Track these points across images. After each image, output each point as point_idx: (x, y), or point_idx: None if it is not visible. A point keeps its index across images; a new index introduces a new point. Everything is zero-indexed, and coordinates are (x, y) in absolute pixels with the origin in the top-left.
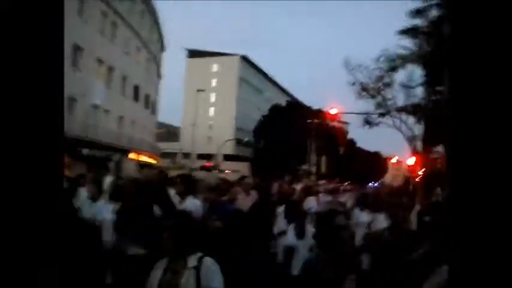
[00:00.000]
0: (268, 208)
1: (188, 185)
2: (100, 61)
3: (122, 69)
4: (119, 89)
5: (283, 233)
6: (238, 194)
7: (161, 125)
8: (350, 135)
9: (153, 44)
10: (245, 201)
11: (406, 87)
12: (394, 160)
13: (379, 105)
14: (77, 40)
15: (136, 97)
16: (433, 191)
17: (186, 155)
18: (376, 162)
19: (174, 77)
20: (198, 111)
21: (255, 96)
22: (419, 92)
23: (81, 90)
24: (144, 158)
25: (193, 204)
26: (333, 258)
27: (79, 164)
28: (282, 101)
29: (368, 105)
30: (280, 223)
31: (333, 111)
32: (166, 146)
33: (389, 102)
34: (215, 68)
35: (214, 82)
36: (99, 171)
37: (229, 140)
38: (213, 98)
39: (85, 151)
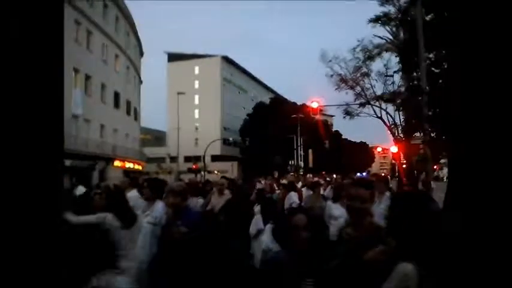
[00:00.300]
0: (240, 207)
1: (155, 189)
2: (76, 70)
3: (100, 77)
4: (98, 97)
5: (259, 233)
6: (212, 195)
7: (147, 131)
8: (335, 128)
9: (130, 49)
10: (219, 201)
11: (383, 75)
12: (379, 149)
13: (358, 96)
14: None
15: (117, 104)
16: (418, 177)
17: (174, 159)
18: (362, 153)
19: (156, 82)
20: (183, 114)
21: (239, 95)
22: (397, 79)
23: None
24: (129, 165)
25: (159, 209)
26: (290, 259)
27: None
28: (266, 98)
29: (348, 96)
30: (258, 223)
31: (313, 105)
32: (154, 151)
33: (368, 92)
34: (197, 70)
35: (197, 84)
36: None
37: (215, 140)
38: (196, 100)
39: (67, 162)
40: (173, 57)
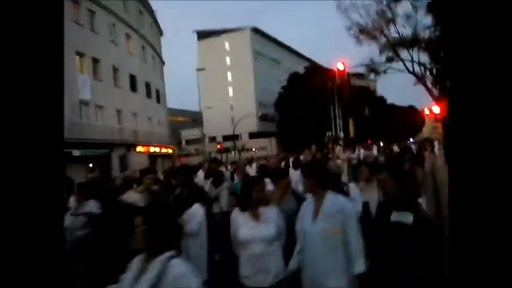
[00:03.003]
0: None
1: None
2: (80, 54)
3: (109, 59)
4: (110, 82)
5: None
6: None
7: (184, 113)
8: (380, 93)
9: (145, 28)
10: None
11: (412, 17)
12: (427, 111)
13: (384, 48)
14: None
15: (134, 88)
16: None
17: (212, 139)
18: (411, 117)
19: (189, 62)
20: (216, 93)
21: (273, 68)
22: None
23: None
24: (154, 149)
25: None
26: None
27: (71, 166)
28: (302, 68)
29: (372, 51)
30: None
31: (339, 67)
32: (192, 133)
33: (395, 42)
34: (227, 45)
35: (228, 60)
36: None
37: (244, 117)
38: (229, 77)
39: (76, 152)
40: (202, 35)
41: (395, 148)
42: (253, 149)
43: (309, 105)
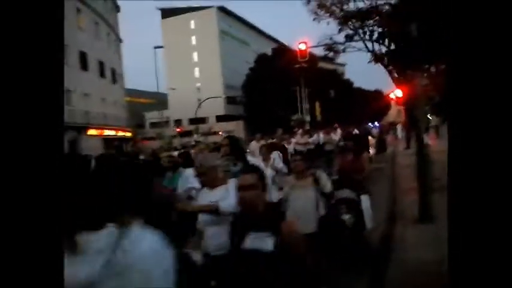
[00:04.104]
0: None
1: None
2: None
3: None
4: None
5: None
6: None
7: (150, 95)
8: (347, 76)
9: (97, 3)
10: None
11: None
12: (392, 95)
13: (343, 24)
14: None
15: (85, 66)
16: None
17: (178, 122)
18: (377, 101)
19: (155, 41)
20: (182, 74)
21: (241, 49)
22: None
23: None
24: (109, 133)
25: None
26: None
27: None
28: (271, 50)
29: (330, 28)
30: None
31: (302, 47)
32: (157, 116)
33: (353, 18)
34: (192, 24)
35: (194, 40)
36: None
37: (208, 98)
38: (195, 57)
39: None
40: (166, 13)
41: (356, 132)
42: (220, 133)
43: (276, 87)
